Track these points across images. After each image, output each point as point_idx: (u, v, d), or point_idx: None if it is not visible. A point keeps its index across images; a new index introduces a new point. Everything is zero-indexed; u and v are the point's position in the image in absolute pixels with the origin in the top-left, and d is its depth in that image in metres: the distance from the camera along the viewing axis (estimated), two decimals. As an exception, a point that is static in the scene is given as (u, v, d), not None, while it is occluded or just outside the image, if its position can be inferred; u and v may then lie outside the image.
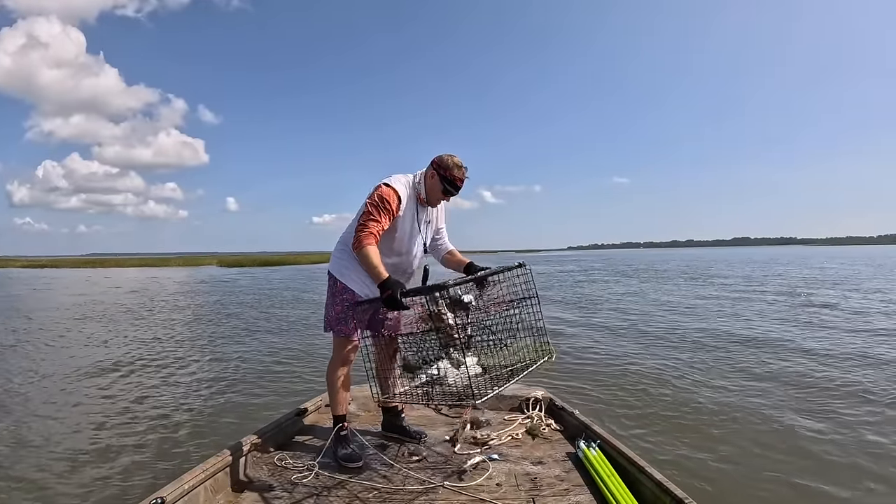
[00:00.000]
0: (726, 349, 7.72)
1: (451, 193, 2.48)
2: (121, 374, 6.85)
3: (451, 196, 2.52)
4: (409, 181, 2.51)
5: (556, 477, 2.35)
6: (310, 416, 3.20)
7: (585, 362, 7.03)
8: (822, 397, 5.24)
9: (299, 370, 7.00)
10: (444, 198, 2.53)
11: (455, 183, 2.43)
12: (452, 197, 2.54)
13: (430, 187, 2.48)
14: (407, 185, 2.49)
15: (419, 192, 2.51)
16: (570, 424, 2.97)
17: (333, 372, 2.62)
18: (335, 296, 2.59)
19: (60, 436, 4.56)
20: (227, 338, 9.87)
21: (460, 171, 2.42)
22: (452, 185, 2.43)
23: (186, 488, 2.05)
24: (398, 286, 2.14)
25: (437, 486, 2.22)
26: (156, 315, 13.53)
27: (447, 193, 2.47)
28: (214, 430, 4.67)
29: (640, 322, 10.74)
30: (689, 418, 4.72)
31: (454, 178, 2.41)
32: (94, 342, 9.41)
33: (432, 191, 2.48)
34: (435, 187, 2.46)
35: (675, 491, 1.97)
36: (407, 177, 2.52)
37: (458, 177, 2.42)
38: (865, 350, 7.45)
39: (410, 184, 2.50)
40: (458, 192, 2.48)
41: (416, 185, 2.51)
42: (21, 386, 6.31)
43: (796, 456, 3.89)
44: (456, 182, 2.43)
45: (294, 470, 2.42)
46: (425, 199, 2.53)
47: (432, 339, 2.36)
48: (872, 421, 4.56)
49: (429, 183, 2.48)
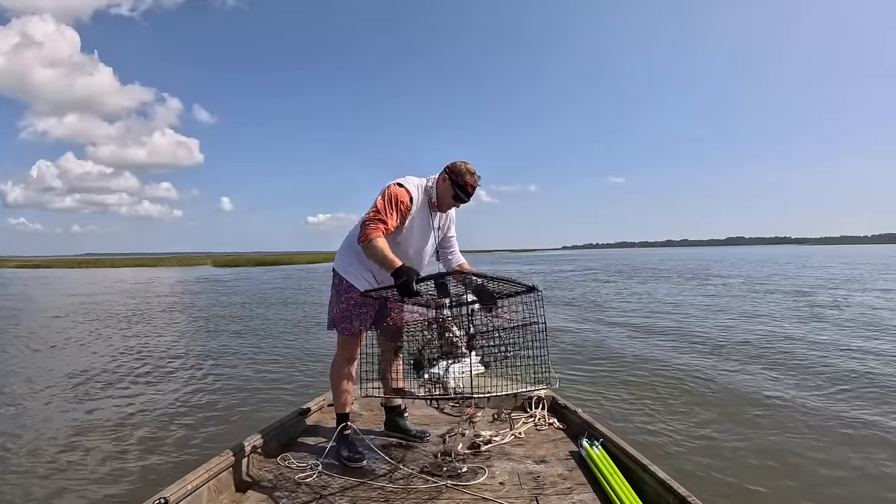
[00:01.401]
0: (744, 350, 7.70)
1: (462, 200, 2.48)
2: (121, 375, 6.82)
3: (461, 203, 2.51)
4: (421, 184, 2.51)
5: (559, 475, 2.36)
6: (313, 416, 3.20)
7: (594, 364, 7.05)
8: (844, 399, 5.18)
9: (300, 370, 6.99)
10: (454, 204, 2.52)
11: (467, 189, 2.43)
12: (466, 202, 2.52)
13: (442, 192, 2.48)
14: (419, 187, 2.49)
15: (431, 197, 2.52)
16: (573, 423, 2.98)
17: (337, 370, 2.62)
18: (340, 293, 2.58)
19: (62, 436, 4.53)
20: (226, 338, 9.84)
21: (473, 177, 2.42)
22: (464, 191, 2.43)
23: (190, 488, 2.04)
24: (413, 273, 2.14)
25: (440, 486, 2.22)
26: (154, 315, 13.48)
27: (458, 200, 2.47)
28: (218, 429, 4.66)
29: (654, 323, 10.74)
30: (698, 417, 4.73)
31: (466, 185, 2.41)
32: (94, 342, 9.37)
33: (443, 196, 2.48)
34: (446, 192, 2.46)
35: (678, 489, 1.98)
36: (420, 180, 2.53)
37: (470, 183, 2.42)
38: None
39: (423, 187, 2.50)
40: (469, 199, 2.48)
41: (428, 189, 2.51)
42: (20, 386, 6.27)
43: (806, 457, 3.86)
44: (468, 188, 2.43)
45: (297, 470, 2.42)
46: (436, 204, 2.53)
47: (435, 338, 2.36)
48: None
49: (440, 188, 2.48)
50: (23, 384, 6.38)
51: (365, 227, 2.31)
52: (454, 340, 2.25)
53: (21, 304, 17.71)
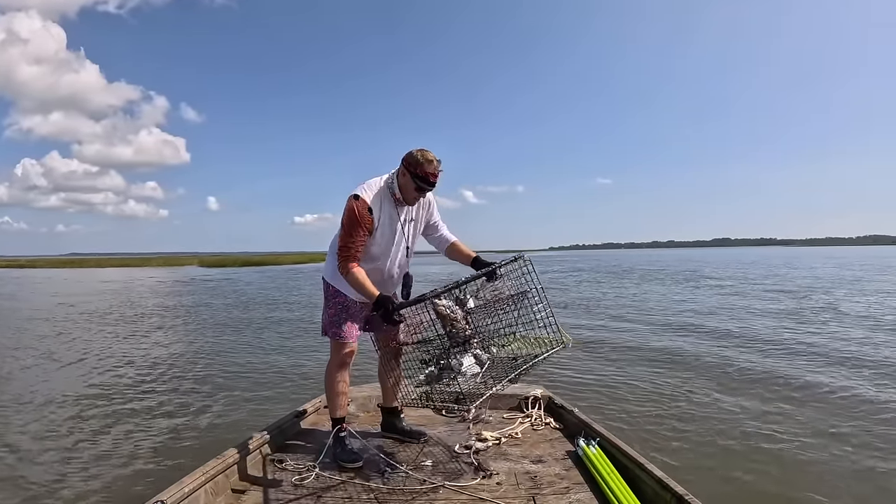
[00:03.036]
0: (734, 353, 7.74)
1: (425, 190, 2.40)
2: (116, 377, 6.74)
3: (426, 192, 2.44)
4: (381, 183, 2.43)
5: (556, 475, 2.37)
6: (309, 418, 3.18)
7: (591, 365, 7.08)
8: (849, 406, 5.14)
9: (296, 371, 6.96)
10: (419, 195, 2.42)
11: (427, 179, 2.33)
12: (431, 190, 2.45)
13: (403, 186, 2.39)
14: (378, 189, 2.41)
15: (394, 192, 2.43)
16: (570, 422, 3.00)
17: (331, 375, 2.61)
18: (328, 299, 2.59)
19: (58, 440, 4.49)
20: (219, 339, 9.78)
21: (431, 165, 2.32)
22: (425, 181, 2.33)
23: (187, 491, 2.03)
24: (389, 302, 2.21)
25: (437, 486, 2.23)
26: (145, 317, 13.33)
27: (421, 190, 2.39)
28: (214, 432, 4.64)
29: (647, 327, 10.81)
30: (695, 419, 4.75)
31: (426, 175, 2.31)
32: (86, 346, 9.22)
33: (406, 190, 2.39)
34: (408, 185, 2.37)
35: (675, 488, 2.00)
36: (380, 178, 2.45)
37: (429, 172, 2.32)
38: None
39: (383, 186, 2.43)
40: (434, 188, 2.40)
41: (391, 186, 2.42)
42: (15, 386, 6.21)
43: (799, 458, 3.89)
44: (428, 178, 2.33)
45: (294, 471, 2.41)
46: (401, 199, 2.44)
47: (433, 341, 2.37)
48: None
49: (401, 181, 2.39)
50: (13, 389, 6.28)
51: (339, 260, 2.35)
52: (456, 328, 2.26)
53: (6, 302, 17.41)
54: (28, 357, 8.19)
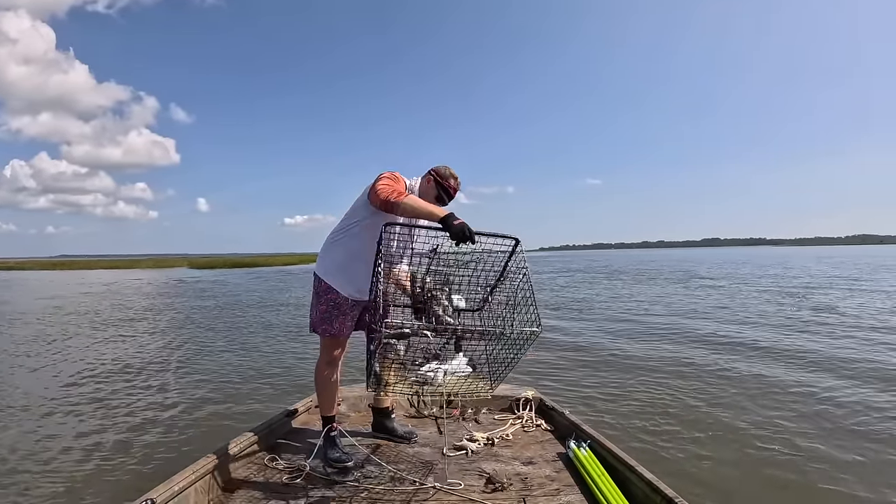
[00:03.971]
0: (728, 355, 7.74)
1: (443, 202, 2.54)
2: (105, 377, 6.70)
3: (443, 204, 2.52)
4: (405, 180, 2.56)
5: (546, 477, 2.38)
6: (300, 417, 3.18)
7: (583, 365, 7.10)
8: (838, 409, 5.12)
9: (287, 371, 6.93)
10: (435, 203, 2.54)
11: (450, 192, 2.54)
12: (447, 204, 2.54)
13: (424, 191, 2.53)
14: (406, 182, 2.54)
15: (413, 193, 2.54)
16: (561, 424, 3.01)
17: (321, 373, 2.61)
18: (319, 296, 2.58)
19: (47, 439, 4.46)
20: (209, 339, 9.71)
21: (456, 181, 2.55)
22: (447, 192, 2.54)
23: (176, 489, 2.02)
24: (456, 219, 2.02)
25: (427, 487, 2.23)
26: (135, 317, 13.23)
27: (440, 201, 2.53)
28: (204, 431, 4.62)
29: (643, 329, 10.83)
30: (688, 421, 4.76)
31: (450, 188, 2.53)
32: (77, 345, 9.16)
33: (426, 195, 2.52)
34: (429, 193, 2.52)
35: (665, 490, 2.01)
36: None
37: (453, 187, 2.54)
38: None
39: (407, 184, 2.55)
40: (449, 203, 2.56)
41: (412, 188, 2.55)
42: (8, 387, 6.16)
43: (792, 458, 3.91)
44: (451, 191, 2.54)
45: (284, 471, 2.41)
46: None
47: (423, 339, 2.36)
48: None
49: (424, 187, 2.54)
50: (10, 385, 6.27)
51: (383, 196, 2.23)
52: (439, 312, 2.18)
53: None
54: (11, 357, 8.12)
